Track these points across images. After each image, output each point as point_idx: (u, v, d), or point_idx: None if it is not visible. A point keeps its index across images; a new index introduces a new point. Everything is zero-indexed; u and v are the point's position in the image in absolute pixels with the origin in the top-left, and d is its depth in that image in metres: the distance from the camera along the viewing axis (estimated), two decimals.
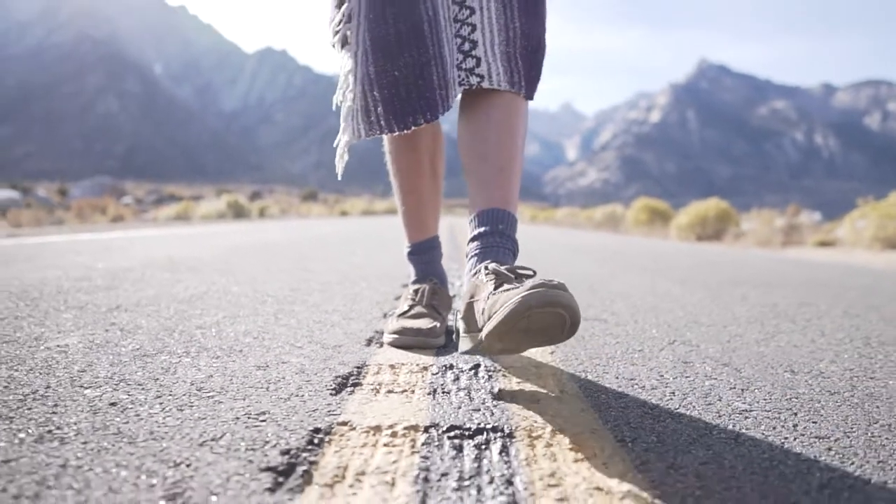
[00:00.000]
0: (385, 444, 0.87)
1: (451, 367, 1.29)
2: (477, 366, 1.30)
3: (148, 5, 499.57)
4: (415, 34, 1.27)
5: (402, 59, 1.28)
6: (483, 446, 0.87)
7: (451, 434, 0.91)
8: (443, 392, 1.12)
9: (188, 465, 0.77)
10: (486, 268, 1.14)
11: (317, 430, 0.91)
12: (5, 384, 1.10)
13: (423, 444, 0.87)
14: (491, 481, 0.76)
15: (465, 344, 1.17)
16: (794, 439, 0.95)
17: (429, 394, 1.11)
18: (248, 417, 0.95)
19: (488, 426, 0.94)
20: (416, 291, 1.62)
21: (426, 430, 0.93)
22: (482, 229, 1.28)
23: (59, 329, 1.59)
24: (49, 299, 2.07)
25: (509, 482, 0.76)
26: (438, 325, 1.50)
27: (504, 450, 0.86)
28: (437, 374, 1.24)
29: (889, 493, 0.77)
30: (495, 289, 1.06)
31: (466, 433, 0.92)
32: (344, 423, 0.94)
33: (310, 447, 0.84)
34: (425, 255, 1.69)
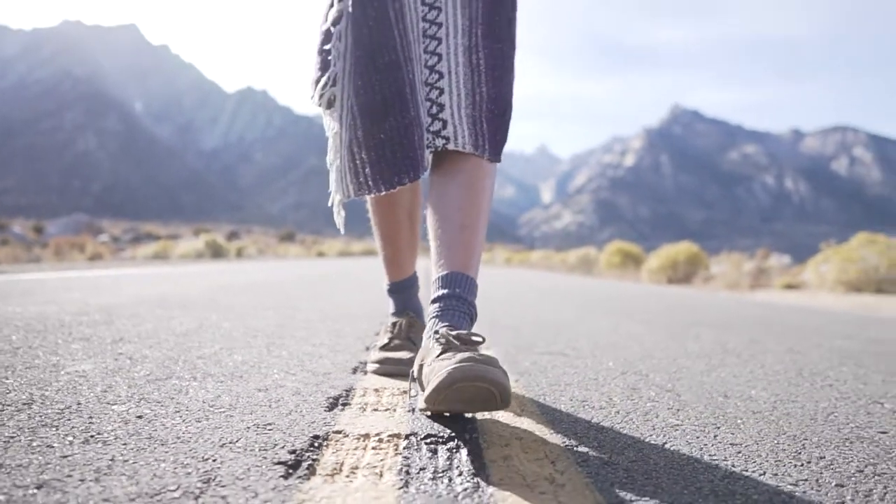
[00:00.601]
0: (373, 447, 1.06)
1: None
2: None
3: (130, 44, 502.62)
4: (399, 99, 1.34)
5: (388, 123, 1.35)
6: (454, 449, 1.06)
7: (428, 441, 1.10)
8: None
9: (214, 461, 0.95)
10: (437, 332, 1.23)
11: (316, 437, 1.09)
12: (41, 401, 1.26)
13: (404, 448, 1.06)
14: (460, 474, 0.95)
15: (420, 402, 1.28)
16: (712, 445, 1.15)
17: (409, 411, 1.30)
18: (258, 427, 1.13)
19: (458, 435, 1.13)
20: (394, 325, 1.76)
21: (407, 437, 1.12)
22: (441, 292, 1.34)
23: (72, 357, 1.75)
24: (55, 332, 2.23)
25: (475, 475, 0.95)
26: (415, 355, 1.69)
27: (471, 452, 1.05)
28: (415, 396, 1.43)
29: (777, 480, 0.97)
30: (438, 355, 1.16)
31: (440, 440, 1.10)
32: (338, 432, 1.13)
33: (312, 448, 1.03)
34: (403, 292, 1.83)
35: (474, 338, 1.20)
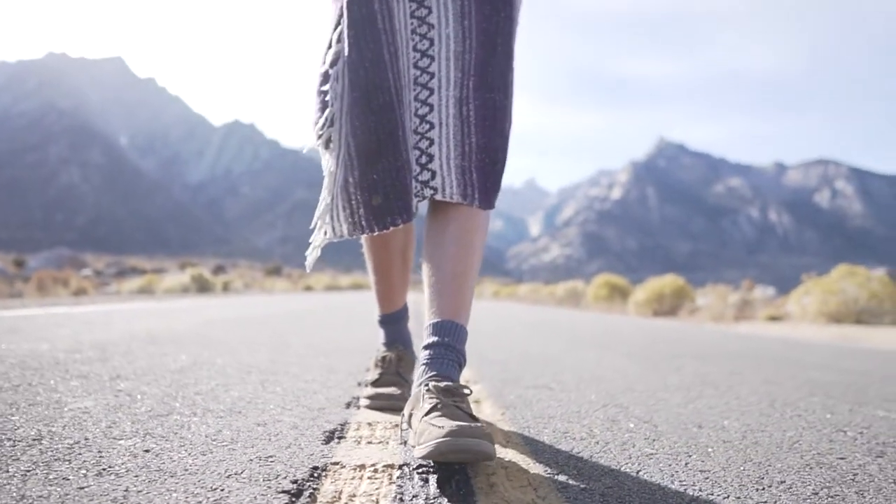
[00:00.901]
0: (369, 477, 1.14)
1: None
2: None
3: (116, 77, 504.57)
4: (392, 141, 1.38)
5: (381, 164, 1.38)
6: (444, 478, 1.14)
7: (420, 470, 1.18)
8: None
9: (222, 490, 1.03)
10: (427, 385, 1.28)
11: (316, 468, 1.17)
12: (49, 437, 1.33)
13: (398, 477, 1.14)
14: (451, 500, 1.03)
15: (413, 452, 1.30)
16: (683, 472, 1.23)
17: (401, 444, 1.38)
18: (260, 459, 1.21)
19: (448, 465, 1.21)
20: (384, 358, 1.84)
21: (400, 467, 1.20)
22: (432, 339, 1.38)
23: (72, 394, 1.81)
24: (51, 369, 2.28)
25: (464, 501, 1.03)
26: (405, 390, 1.77)
27: (460, 480, 1.13)
28: (406, 430, 1.51)
29: (740, 503, 1.06)
30: (429, 411, 1.20)
31: (431, 469, 1.18)
32: (336, 463, 1.21)
33: (312, 478, 1.11)
34: (394, 324, 1.91)
35: (463, 390, 1.27)
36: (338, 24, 1.51)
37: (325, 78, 1.51)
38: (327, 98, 1.49)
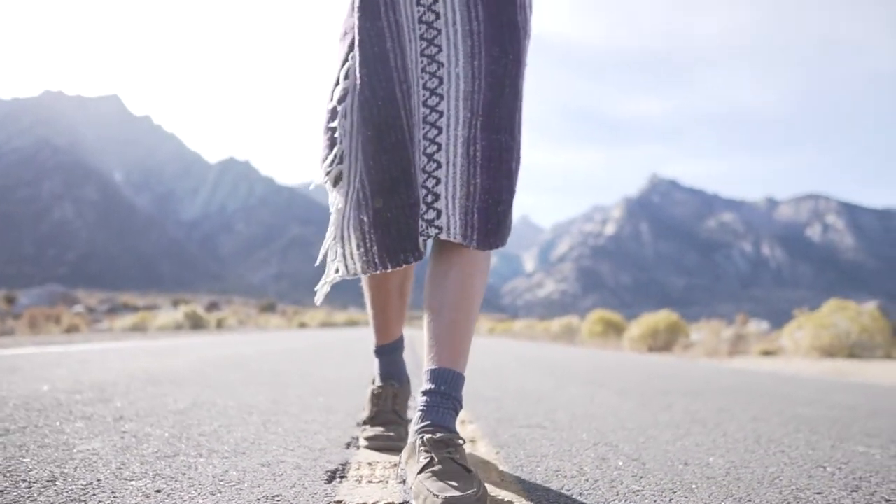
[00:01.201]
0: None
1: None
2: None
3: (112, 114, 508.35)
4: (405, 179, 1.39)
5: (394, 202, 1.40)
6: None
7: None
8: None
9: None
10: (422, 438, 1.33)
11: None
12: (62, 478, 1.39)
13: None
14: None
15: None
16: None
17: (400, 482, 1.44)
18: (267, 499, 1.27)
19: None
20: (379, 395, 1.89)
21: None
22: (429, 387, 1.43)
23: (79, 436, 1.87)
24: (54, 410, 2.33)
25: None
26: (400, 430, 1.84)
27: None
28: (402, 471, 1.57)
29: None
30: (424, 467, 1.26)
31: None
32: (339, 502, 1.27)
33: None
34: (389, 354, 1.96)
35: (457, 440, 1.33)
36: (345, 61, 1.55)
37: (333, 114, 1.53)
38: (336, 135, 1.52)
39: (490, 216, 1.47)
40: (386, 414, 1.87)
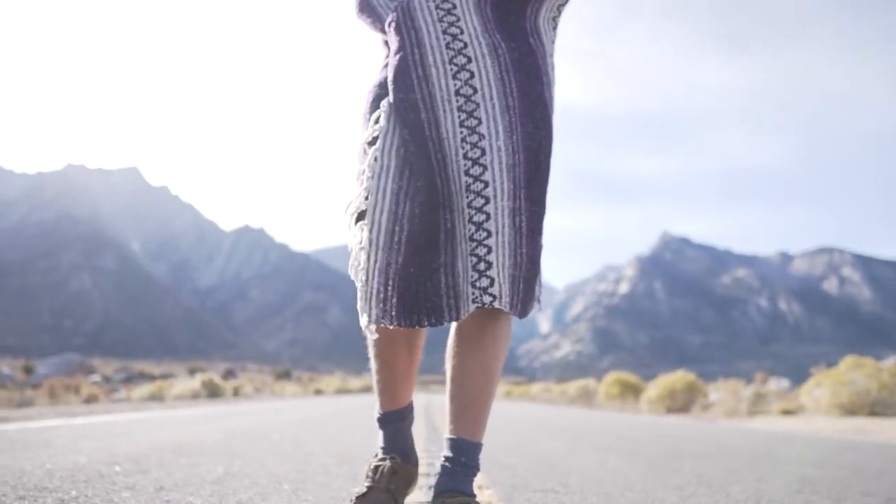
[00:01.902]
0: None
1: None
2: None
3: (130, 185, 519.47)
4: (431, 240, 1.44)
5: (417, 260, 1.44)
6: None
7: None
8: None
9: None
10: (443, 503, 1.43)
11: None
12: None
13: None
14: None
15: None
16: None
17: None
18: None
19: None
20: (376, 469, 1.65)
21: None
22: (450, 454, 1.52)
23: None
24: (99, 482, 2.50)
25: None
26: None
27: None
28: None
29: None
30: None
31: None
32: None
33: None
34: (395, 424, 1.75)
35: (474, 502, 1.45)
36: (375, 106, 1.60)
37: (364, 154, 1.57)
38: (363, 176, 1.53)
39: (530, 285, 1.54)
40: (378, 493, 1.59)
